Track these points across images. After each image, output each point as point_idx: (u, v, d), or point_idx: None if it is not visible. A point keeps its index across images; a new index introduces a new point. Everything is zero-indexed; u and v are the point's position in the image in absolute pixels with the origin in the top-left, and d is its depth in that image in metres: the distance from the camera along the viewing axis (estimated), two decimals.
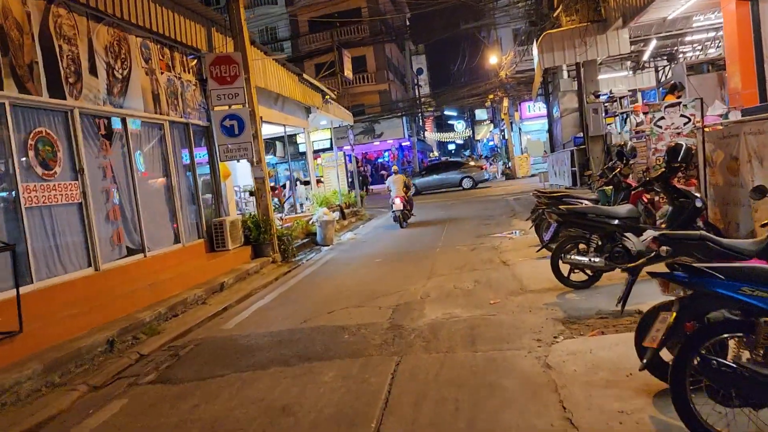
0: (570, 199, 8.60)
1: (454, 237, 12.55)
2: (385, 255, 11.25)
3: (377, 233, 15.49)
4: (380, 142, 41.60)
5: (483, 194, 25.22)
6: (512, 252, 9.61)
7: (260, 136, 11.97)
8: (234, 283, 9.70)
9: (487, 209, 18.00)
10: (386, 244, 12.81)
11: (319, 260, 11.86)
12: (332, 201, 18.28)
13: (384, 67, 42.12)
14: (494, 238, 11.63)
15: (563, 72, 16.38)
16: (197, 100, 11.31)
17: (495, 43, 36.26)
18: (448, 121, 73.51)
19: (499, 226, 13.46)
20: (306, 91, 17.42)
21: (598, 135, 12.30)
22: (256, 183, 11.95)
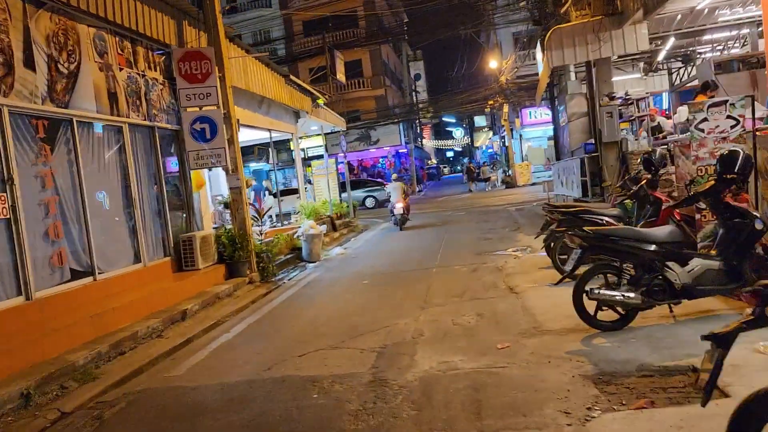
0: (589, 215, 7.38)
1: (452, 253, 11.32)
2: (374, 275, 10.01)
3: (369, 247, 14.25)
4: (376, 149, 40.41)
5: (483, 204, 23.99)
6: (520, 275, 8.37)
7: (237, 141, 10.75)
8: (200, 309, 8.44)
9: (488, 221, 16.77)
10: (377, 262, 11.57)
11: (301, 280, 10.61)
12: (322, 212, 17.04)
13: (380, 72, 40.98)
14: (497, 255, 10.40)
15: (570, 74, 15.22)
16: (166, 101, 10.08)
17: (495, 47, 35.15)
18: (446, 128, 72.49)
19: (501, 241, 12.23)
20: (294, 94, 16.22)
21: (612, 141, 11.10)
22: (232, 194, 10.71)
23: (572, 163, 13.55)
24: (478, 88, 36.77)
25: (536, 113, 34.82)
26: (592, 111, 12.38)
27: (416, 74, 60.95)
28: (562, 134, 16.03)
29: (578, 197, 13.08)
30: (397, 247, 13.40)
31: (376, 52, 40.71)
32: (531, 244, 11.17)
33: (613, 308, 5.15)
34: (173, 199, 10.39)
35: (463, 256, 10.76)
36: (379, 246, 14.22)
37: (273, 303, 8.82)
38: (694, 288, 4.94)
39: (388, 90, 42.03)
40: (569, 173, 13.97)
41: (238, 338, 6.87)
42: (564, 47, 10.92)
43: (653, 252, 5.04)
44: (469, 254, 10.94)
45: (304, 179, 18.44)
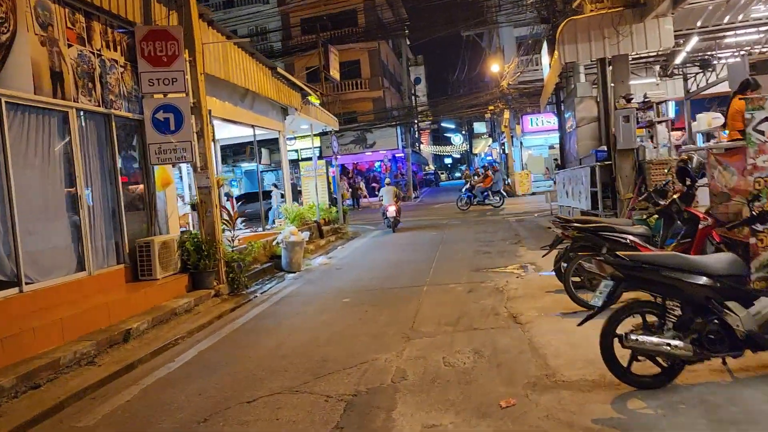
0: (611, 234, 6.19)
1: (446, 269, 10.12)
2: (357, 292, 8.80)
3: (356, 258, 13.03)
4: (372, 153, 39.22)
5: (480, 211, 22.80)
6: (524, 300, 7.16)
7: (208, 134, 9.54)
8: (149, 329, 7.20)
9: (486, 232, 15.57)
10: (362, 275, 10.36)
11: (276, 294, 9.39)
12: (308, 216, 15.83)
13: (379, 74, 39.85)
14: (497, 273, 9.20)
15: (580, 75, 14.04)
16: (127, 86, 8.87)
17: (497, 51, 34.07)
18: (444, 133, 71.45)
19: (501, 256, 11.04)
20: (281, 89, 15.03)
21: (628, 149, 9.94)
22: (200, 194, 9.48)
23: (580, 172, 12.37)
24: (479, 93, 35.64)
25: (538, 120, 33.72)
26: (605, 115, 11.21)
27: (416, 78, 59.94)
28: (569, 141, 14.86)
29: (587, 210, 11.91)
30: (386, 259, 12.19)
31: (375, 52, 39.58)
32: (535, 261, 9.99)
33: (653, 359, 3.95)
34: (133, 198, 9.18)
35: (459, 273, 9.56)
36: (368, 256, 13.01)
37: (237, 322, 7.60)
38: (762, 337, 3.76)
39: (386, 92, 40.91)
40: (576, 183, 12.79)
41: (182, 370, 5.64)
42: (578, 41, 9.76)
43: (708, 288, 3.85)
44: (466, 270, 9.74)
45: (289, 181, 17.22)
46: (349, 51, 38.72)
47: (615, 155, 10.34)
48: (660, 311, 3.96)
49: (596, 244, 6.25)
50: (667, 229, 6.75)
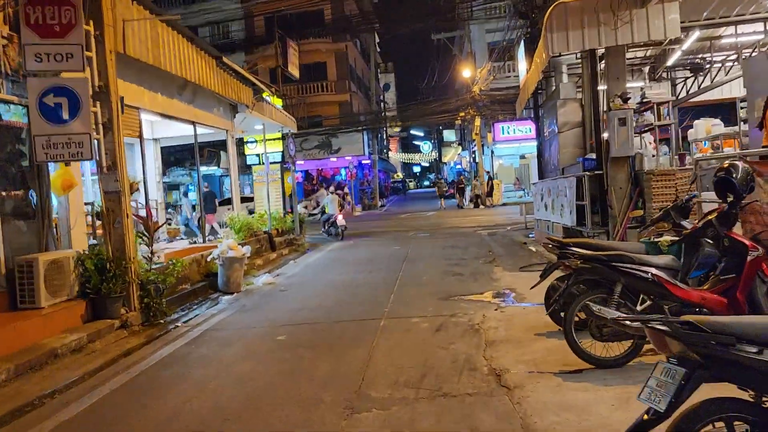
0: (630, 267, 4.61)
1: (410, 294, 8.47)
2: (297, 326, 7.08)
3: (306, 276, 11.29)
4: (337, 159, 37.49)
5: (450, 225, 21.29)
6: (508, 346, 5.54)
7: (118, 127, 7.74)
8: (7, 381, 5.36)
9: (456, 247, 14.01)
10: (309, 300, 8.64)
11: (200, 324, 7.61)
12: (257, 227, 14.03)
13: (346, 77, 38.21)
14: (471, 303, 7.58)
15: (562, 75, 12.63)
16: (12, 63, 7.02)
17: (468, 56, 32.82)
18: (413, 141, 70.21)
19: (475, 279, 9.45)
20: (229, 82, 13.19)
21: (623, 156, 8.46)
22: (107, 200, 7.64)
23: (563, 182, 10.90)
24: (450, 99, 34.28)
25: (510, 129, 32.50)
26: (593, 119, 9.75)
27: (385, 84, 58.53)
28: (548, 148, 13.42)
29: (571, 226, 10.41)
30: (341, 279, 10.48)
31: (342, 54, 37.95)
32: (515, 286, 8.42)
33: None
34: (16, 204, 7.31)
35: (424, 301, 7.92)
36: (320, 275, 11.27)
37: (137, 368, 5.80)
38: None
39: (353, 96, 39.28)
40: (558, 195, 11.31)
41: None
42: (569, 28, 8.25)
43: None
44: (433, 298, 8.10)
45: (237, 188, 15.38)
46: (315, 52, 37.03)
47: (607, 164, 8.86)
48: (760, 418, 2.36)
49: (607, 278, 4.68)
50: (690, 257, 5.22)
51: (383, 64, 68.39)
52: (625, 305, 4.56)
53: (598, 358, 4.61)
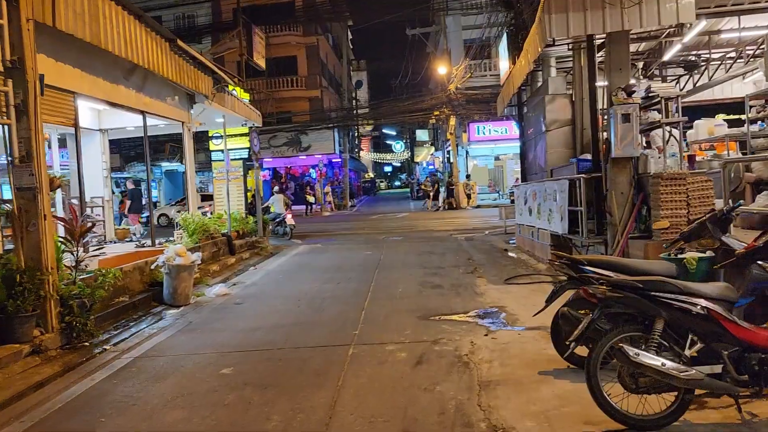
0: (673, 298, 3.54)
1: (383, 313, 7.33)
2: (247, 354, 5.88)
3: (266, 286, 10.07)
4: (307, 156, 36.15)
5: (424, 228, 20.22)
6: (507, 389, 4.44)
7: (35, 111, 6.42)
8: None
9: (433, 253, 12.93)
10: (266, 318, 7.44)
11: (133, 348, 6.35)
12: (215, 228, 12.72)
13: (317, 72, 36.91)
14: (455, 324, 6.48)
15: (551, 69, 11.64)
16: None
17: (444, 53, 31.84)
18: (386, 140, 69.13)
19: (456, 292, 8.35)
20: (185, 69, 11.83)
21: (625, 157, 7.44)
22: (18, 198, 6.32)
23: (552, 185, 9.89)
24: (424, 97, 33.25)
25: (485, 129, 31.67)
26: (592, 115, 8.74)
27: (358, 81, 57.34)
28: (534, 148, 12.44)
29: (562, 234, 9.41)
30: (305, 290, 9.28)
31: (314, 48, 36.63)
32: (503, 303, 7.36)
33: None
34: None
35: (401, 320, 6.79)
36: (283, 285, 10.06)
37: (27, 418, 4.53)
38: None
39: (324, 92, 37.99)
40: (546, 199, 10.32)
41: None
42: (570, 10, 7.21)
43: None
44: (410, 316, 6.98)
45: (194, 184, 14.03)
46: (285, 46, 35.69)
47: (607, 166, 7.85)
48: None
49: (644, 311, 3.60)
50: (733, 281, 4.22)
51: (356, 61, 67.21)
52: (669, 348, 3.49)
53: (633, 418, 3.52)
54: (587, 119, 10.54)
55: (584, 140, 10.58)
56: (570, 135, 10.95)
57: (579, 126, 10.64)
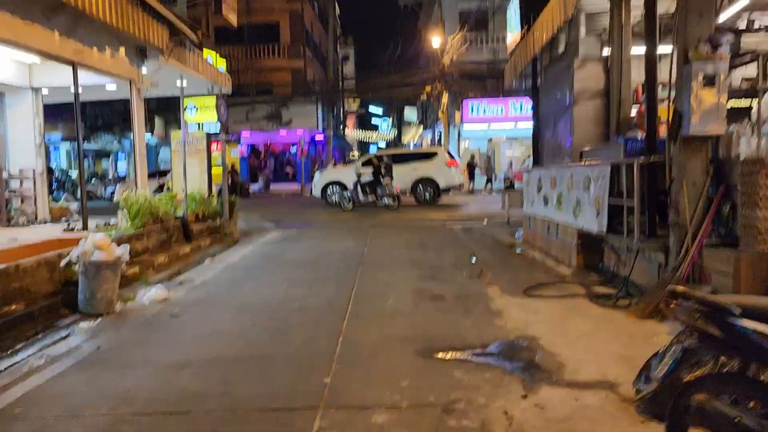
0: None
1: (368, 341, 5.28)
2: (162, 419, 3.80)
3: (220, 287, 7.96)
4: (287, 132, 33.76)
5: (413, 215, 18.16)
6: None
7: None
8: None
9: (427, 247, 10.90)
10: (206, 344, 5.36)
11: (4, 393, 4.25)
12: (165, 210, 10.51)
13: (301, 41, 34.40)
14: (474, 372, 4.44)
15: (580, 29, 9.55)
16: None
17: (438, 23, 29.56)
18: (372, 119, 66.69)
19: (465, 308, 6.32)
20: (131, 14, 9.51)
21: (702, 136, 5.39)
22: None
23: (583, 171, 7.86)
24: (415, 71, 31.00)
25: (479, 108, 29.52)
26: (649, 79, 6.68)
27: (344, 55, 54.69)
28: (553, 126, 10.39)
29: (597, 232, 7.40)
30: (267, 297, 7.18)
31: (298, 15, 34.08)
32: (532, 330, 5.35)
33: None
34: None
35: (393, 361, 4.75)
36: (240, 287, 7.95)
37: None
38: None
39: (308, 63, 35.51)
40: (574, 188, 8.29)
41: None
42: None
43: None
44: (406, 352, 4.93)
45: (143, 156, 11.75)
46: (266, 11, 33.14)
47: (677, 146, 5.82)
48: None
49: None
50: None
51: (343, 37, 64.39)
52: None
53: None
54: (626, 90, 8.51)
55: (621, 116, 8.55)
56: (602, 109, 8.93)
57: (615, 98, 8.61)
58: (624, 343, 4.93)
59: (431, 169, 21.22)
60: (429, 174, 21.13)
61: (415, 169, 21.07)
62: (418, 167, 21.13)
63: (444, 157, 21.79)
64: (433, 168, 21.23)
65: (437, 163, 21.34)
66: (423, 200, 21.03)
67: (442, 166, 21.27)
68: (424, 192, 21.16)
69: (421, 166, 21.21)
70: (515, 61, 11.44)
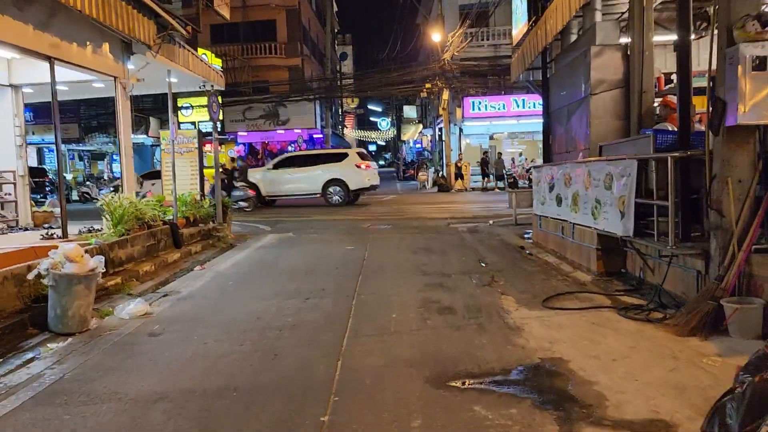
0: None
1: (370, 369, 4.60)
2: None
3: (207, 300, 7.27)
4: (285, 131, 33.11)
5: (415, 214, 17.49)
6: None
7: None
8: None
9: (432, 250, 10.23)
10: (185, 371, 4.69)
11: None
12: (152, 215, 9.82)
13: (298, 38, 33.72)
14: (496, 406, 3.74)
15: (595, 13, 8.88)
16: None
17: (438, 19, 28.86)
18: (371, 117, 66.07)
19: (478, 323, 5.64)
20: (113, 5, 8.82)
21: (749, 127, 4.70)
22: None
23: (607, 168, 7.18)
24: (415, 68, 30.29)
25: (480, 105, 28.87)
26: (682, 64, 6.00)
27: (342, 53, 54.04)
28: (566, 120, 9.72)
29: (623, 235, 6.72)
30: (258, 313, 6.49)
31: (294, 12, 33.39)
32: (558, 349, 4.69)
33: None
34: None
35: (400, 392, 4.06)
36: (229, 300, 7.26)
37: None
38: None
39: (305, 61, 34.84)
40: (591, 185, 7.62)
41: None
42: None
43: None
44: (415, 380, 4.25)
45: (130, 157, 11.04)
46: (263, 8, 32.47)
47: (720, 139, 5.14)
48: None
49: None
50: None
51: (341, 35, 63.73)
52: None
53: None
54: (649, 79, 7.83)
55: (643, 107, 7.88)
56: (621, 101, 8.25)
57: (636, 88, 7.93)
58: (669, 368, 4.25)
59: (340, 170, 20.63)
60: (338, 175, 20.56)
61: (325, 171, 20.48)
62: (328, 169, 20.57)
63: (354, 158, 21.17)
64: (342, 170, 20.64)
65: (347, 164, 20.76)
66: (333, 202, 20.25)
67: (352, 167, 20.65)
68: (333, 194, 20.53)
69: (331, 168, 20.63)
70: (523, 53, 10.76)
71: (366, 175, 20.92)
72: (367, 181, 20.99)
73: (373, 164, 22.33)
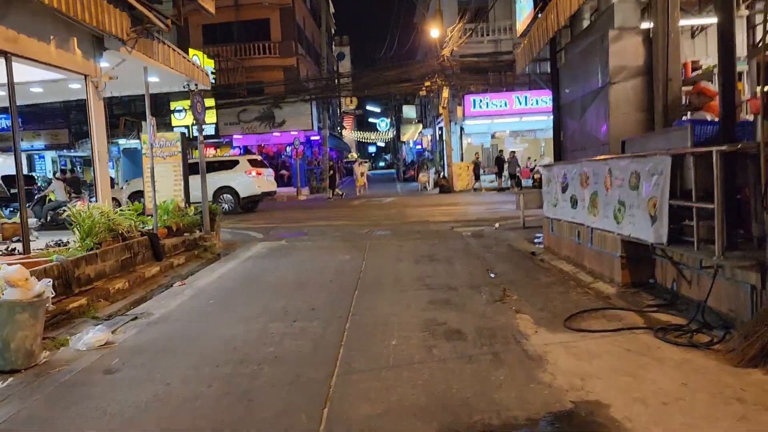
0: None
1: (363, 416, 3.74)
2: None
3: (183, 322, 6.40)
4: (281, 133, 32.22)
5: (417, 218, 16.63)
6: None
7: None
8: None
9: (435, 259, 9.36)
10: (148, 412, 3.84)
11: None
12: (128, 225, 8.95)
13: (293, 38, 32.85)
14: None
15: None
16: None
17: (436, 14, 28.01)
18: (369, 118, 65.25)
19: (494, 354, 4.77)
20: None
21: None
22: None
23: (633, 165, 6.32)
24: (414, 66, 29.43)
25: (482, 102, 28.00)
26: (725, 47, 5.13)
27: (340, 53, 53.25)
28: (581, 113, 8.85)
29: (654, 242, 5.84)
30: (236, 341, 5.62)
31: (289, 10, 32.53)
32: (594, 389, 3.80)
33: None
34: None
35: None
36: (206, 324, 6.38)
37: None
38: None
39: (301, 61, 33.97)
40: (614, 186, 6.74)
41: None
42: None
43: None
44: None
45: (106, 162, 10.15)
46: (255, 7, 31.64)
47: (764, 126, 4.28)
48: None
49: None
50: None
51: (338, 37, 62.94)
52: None
53: None
54: (675, 65, 6.96)
55: (670, 97, 7.00)
56: (644, 91, 7.39)
57: (660, 75, 7.06)
58: (737, 415, 3.38)
59: (230, 178, 19.93)
60: (228, 183, 19.86)
61: (217, 179, 19.54)
62: (219, 177, 19.73)
63: (245, 165, 20.44)
64: (232, 177, 19.96)
65: (237, 171, 20.10)
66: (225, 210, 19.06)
67: (242, 174, 19.97)
68: (223, 202, 19.69)
69: (221, 176, 19.87)
70: (530, 42, 9.89)
71: (257, 182, 20.18)
72: (257, 188, 20.24)
73: (266, 171, 21.48)
